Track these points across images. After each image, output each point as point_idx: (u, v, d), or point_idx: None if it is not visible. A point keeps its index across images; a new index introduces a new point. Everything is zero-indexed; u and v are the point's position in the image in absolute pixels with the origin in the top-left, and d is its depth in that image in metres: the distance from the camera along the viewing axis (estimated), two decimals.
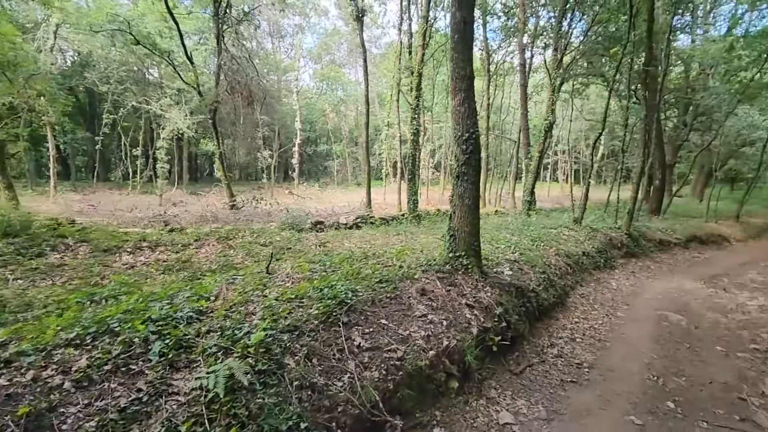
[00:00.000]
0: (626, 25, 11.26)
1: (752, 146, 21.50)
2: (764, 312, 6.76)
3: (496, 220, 11.55)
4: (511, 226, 9.70)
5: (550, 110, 13.56)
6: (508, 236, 8.17)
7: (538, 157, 13.96)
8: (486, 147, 21.58)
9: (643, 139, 11.75)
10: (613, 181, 20.41)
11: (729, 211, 18.48)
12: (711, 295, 7.76)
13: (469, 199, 5.16)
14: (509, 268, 5.82)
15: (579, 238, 9.61)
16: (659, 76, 14.98)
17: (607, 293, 7.48)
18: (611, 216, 13.77)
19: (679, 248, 12.78)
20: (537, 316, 5.41)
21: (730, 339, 5.62)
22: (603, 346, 5.01)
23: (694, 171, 25.06)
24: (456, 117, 5.24)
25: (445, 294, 4.30)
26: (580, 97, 27.43)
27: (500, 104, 29.16)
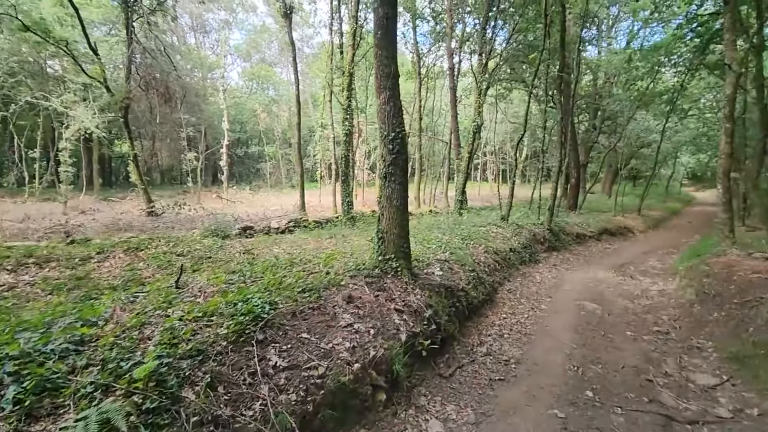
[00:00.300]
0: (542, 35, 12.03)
1: (648, 147, 24.18)
2: (663, 296, 7.46)
3: (429, 220, 11.70)
4: (443, 226, 9.84)
5: (477, 113, 14.07)
6: (440, 236, 8.23)
7: (467, 157, 14.42)
8: (419, 148, 21.99)
9: (560, 140, 12.59)
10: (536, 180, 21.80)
11: (632, 205, 20.51)
12: (620, 283, 8.43)
13: (397, 200, 5.03)
14: (440, 269, 5.80)
15: (506, 234, 10.00)
16: (572, 82, 16.21)
17: (532, 287, 7.81)
18: (535, 213, 14.60)
19: (593, 240, 13.87)
20: (467, 315, 5.43)
21: (637, 323, 6.08)
22: (529, 340, 5.15)
23: (604, 170, 27.56)
24: (382, 116, 5.10)
25: (374, 300, 4.12)
26: (504, 101, 29.04)
27: (432, 107, 29.97)
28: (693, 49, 15.95)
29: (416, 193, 21.53)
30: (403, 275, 4.90)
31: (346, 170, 14.43)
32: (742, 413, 3.71)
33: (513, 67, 21.75)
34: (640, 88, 19.20)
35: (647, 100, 19.92)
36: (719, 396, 4.05)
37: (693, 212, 24.48)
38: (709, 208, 26.11)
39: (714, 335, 5.34)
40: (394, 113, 4.99)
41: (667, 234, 17.21)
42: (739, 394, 4.04)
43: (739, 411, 3.74)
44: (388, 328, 3.81)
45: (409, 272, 5.04)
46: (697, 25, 15.41)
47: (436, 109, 31.30)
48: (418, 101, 21.60)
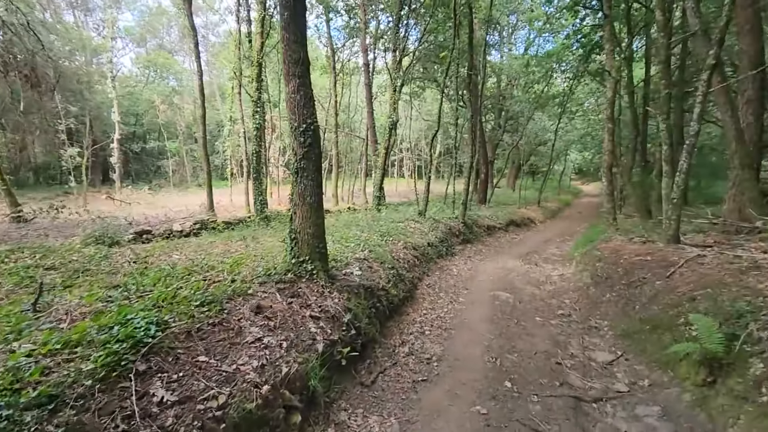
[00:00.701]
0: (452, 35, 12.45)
1: (545, 145, 26.69)
2: (564, 281, 8.11)
3: (347, 217, 11.43)
4: (362, 222, 9.64)
5: (393, 109, 14.12)
6: (358, 233, 8.00)
7: (384, 153, 14.44)
8: (336, 144, 21.61)
9: (471, 138, 13.16)
10: (449, 176, 22.75)
11: (533, 198, 22.43)
12: (528, 271, 9.01)
13: (311, 197, 4.65)
14: (359, 268, 5.55)
15: (424, 229, 10.13)
16: (479, 83, 17.15)
17: (450, 280, 7.97)
18: (449, 207, 15.15)
19: (501, 232, 14.80)
20: (388, 315, 5.27)
21: (544, 308, 6.48)
22: (449, 335, 5.14)
23: (508, 166, 29.76)
24: (291, 106, 4.67)
25: (286, 308, 3.71)
26: (418, 99, 29.84)
27: (348, 103, 29.70)
28: (578, 58, 17.76)
29: (334, 190, 21.14)
30: (320, 278, 4.55)
31: (258, 167, 13.52)
32: (636, 386, 4.05)
33: (425, 67, 22.33)
34: (537, 91, 20.98)
35: (543, 103, 21.89)
36: (616, 371, 4.39)
37: (581, 203, 27.64)
38: (593, 199, 29.71)
39: (608, 315, 5.87)
40: (305, 103, 4.60)
41: (563, 223, 19.12)
42: (631, 367, 4.43)
43: (634, 384, 4.08)
44: (303, 339, 3.44)
45: (326, 274, 4.70)
46: (581, 36, 17.13)
47: (353, 105, 31.12)
48: (333, 96, 21.16)
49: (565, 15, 18.47)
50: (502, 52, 27.91)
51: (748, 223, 6.76)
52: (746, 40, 7.47)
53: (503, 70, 24.10)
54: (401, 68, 16.24)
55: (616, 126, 11.12)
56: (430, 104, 35.80)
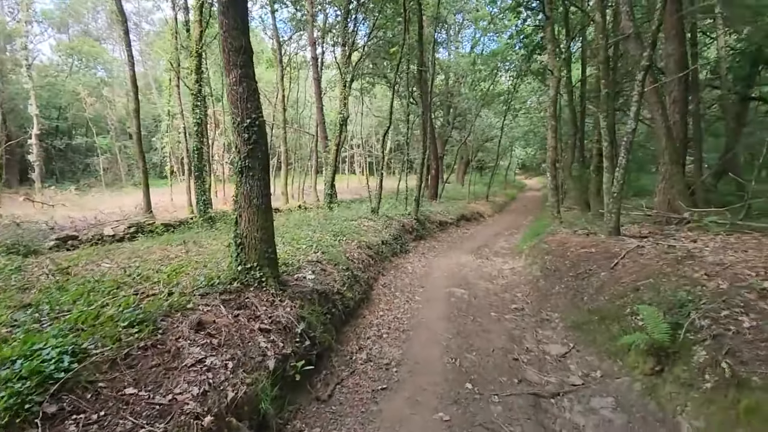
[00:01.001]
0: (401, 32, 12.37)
1: (491, 142, 27.56)
2: (515, 274, 8.30)
3: (299, 216, 11.00)
4: (314, 222, 9.29)
5: (343, 105, 13.79)
6: (310, 233, 7.67)
7: (335, 150, 14.09)
8: (284, 140, 20.85)
9: (422, 134, 13.17)
10: (401, 172, 22.80)
11: (481, 192, 23.05)
12: (480, 266, 9.14)
13: (257, 198, 4.29)
14: (311, 272, 5.26)
15: (377, 227, 9.96)
16: (429, 80, 17.26)
17: (405, 278, 7.87)
18: (402, 203, 15.11)
19: (453, 227, 15.02)
20: (344, 320, 5.04)
21: (499, 303, 6.56)
22: (407, 337, 5.01)
23: (457, 161, 30.42)
24: (233, 99, 4.27)
25: (232, 322, 3.37)
26: (369, 95, 29.64)
27: (296, 98, 28.82)
28: (521, 57, 18.41)
29: (283, 188, 20.42)
30: (270, 285, 4.21)
31: (199, 164, 12.65)
32: (589, 377, 4.14)
33: (375, 63, 22.15)
34: (483, 89, 21.53)
35: (489, 100, 22.52)
36: (569, 363, 4.47)
37: (526, 197, 28.92)
38: (537, 193, 31.23)
39: (558, 306, 6.03)
40: (248, 95, 4.21)
41: (510, 217, 19.83)
42: (583, 359, 4.54)
43: (587, 375, 4.17)
44: (252, 356, 3.12)
45: (277, 281, 4.37)
46: (524, 37, 17.74)
47: (302, 100, 30.27)
48: (280, 91, 20.36)
49: (508, 16, 19.06)
50: (449, 50, 28.42)
51: (677, 214, 7.27)
52: (672, 44, 8.00)
53: (451, 67, 24.51)
54: (351, 63, 15.93)
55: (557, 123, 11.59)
56: (380, 100, 35.72)
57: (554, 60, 10.50)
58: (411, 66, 14.98)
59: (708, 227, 6.56)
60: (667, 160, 7.29)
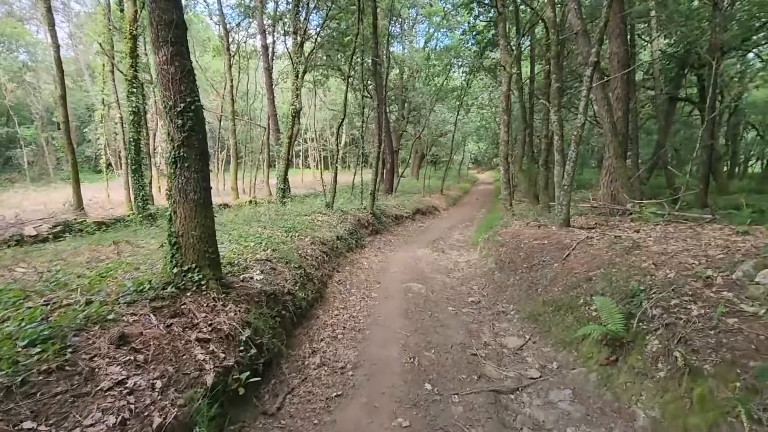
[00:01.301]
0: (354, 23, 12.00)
1: (445, 137, 27.91)
2: (471, 266, 8.31)
3: (249, 212, 10.38)
4: (264, 217, 8.76)
5: (295, 96, 13.19)
6: (260, 230, 7.19)
7: (288, 143, 13.47)
8: (233, 133, 19.76)
9: (377, 127, 12.92)
10: (356, 166, 22.47)
11: (436, 186, 23.27)
12: (436, 259, 9.08)
13: (195, 193, 3.83)
14: (260, 271, 4.85)
15: (332, 222, 9.61)
16: (383, 73, 17.01)
17: (361, 274, 7.61)
18: (357, 198, 14.81)
19: (409, 220, 14.96)
20: (296, 322, 4.69)
21: (456, 297, 6.48)
22: (364, 337, 4.75)
23: (411, 155, 30.56)
24: (164, 80, 3.75)
25: (164, 333, 2.93)
26: (322, 88, 28.90)
27: (246, 89, 27.48)
28: (474, 54, 18.65)
29: (233, 182, 19.40)
30: (210, 289, 3.78)
31: (137, 157, 11.61)
32: (546, 369, 4.11)
33: (329, 54, 21.56)
34: (437, 84, 21.64)
35: (443, 95, 22.69)
36: (526, 356, 4.43)
37: (478, 190, 29.63)
38: (489, 186, 32.12)
39: (513, 298, 6.04)
40: (182, 76, 3.73)
41: (463, 210, 20.16)
42: (539, 350, 4.52)
43: (544, 367, 4.14)
44: (187, 371, 2.72)
45: (219, 283, 3.94)
46: (476, 33, 17.95)
47: (253, 92, 28.91)
48: (228, 81, 19.25)
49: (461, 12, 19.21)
50: (404, 45, 28.34)
51: (620, 206, 7.57)
52: (616, 43, 8.30)
53: (405, 62, 24.42)
54: (303, 53, 15.31)
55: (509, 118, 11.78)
56: (334, 93, 35.05)
57: (506, 56, 10.62)
58: (366, 59, 14.68)
59: (648, 218, 6.87)
60: (612, 155, 7.56)
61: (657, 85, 14.47)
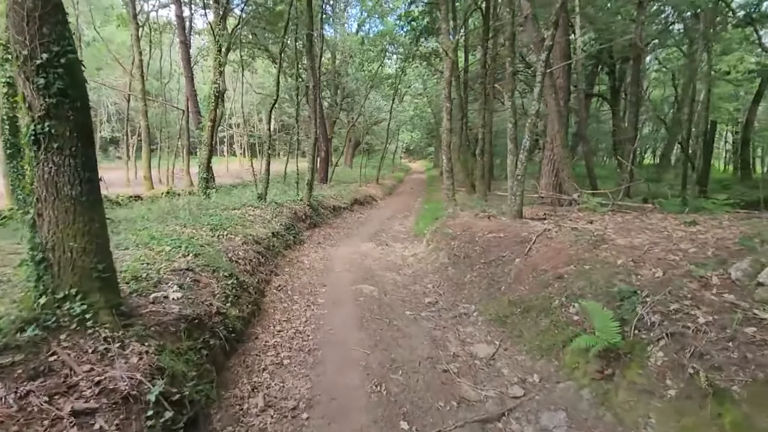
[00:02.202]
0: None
1: (378, 125, 27.26)
2: (420, 261, 7.72)
3: (165, 206, 8.72)
4: (184, 213, 7.32)
5: (218, 73, 11.48)
6: (179, 229, 5.86)
7: (211, 127, 11.75)
8: (145, 115, 17.07)
9: (313, 111, 11.76)
10: (288, 153, 20.91)
11: (371, 175, 22.57)
12: (382, 254, 8.36)
13: (72, 186, 2.62)
14: (178, 286, 3.70)
15: (266, 216, 8.43)
16: (318, 54, 15.74)
17: (303, 276, 6.62)
18: (291, 188, 13.56)
19: (347, 211, 14.08)
20: (229, 350, 3.65)
21: (411, 298, 5.82)
22: (316, 360, 3.87)
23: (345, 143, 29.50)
24: (15, 18, 2.47)
25: (13, 412, 1.80)
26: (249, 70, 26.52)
27: (161, 67, 24.11)
28: (409, 40, 18.08)
29: (146, 171, 16.86)
30: (101, 323, 2.62)
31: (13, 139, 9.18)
32: (528, 383, 3.59)
33: (255, 33, 19.63)
34: (372, 70, 20.77)
35: (377, 82, 21.90)
36: (500, 367, 3.90)
37: (412, 179, 29.56)
38: (421, 176, 32.24)
39: (473, 298, 5.53)
40: (45, 13, 2.47)
41: (400, 199, 19.74)
42: (514, 359, 4.01)
43: (524, 381, 3.62)
44: None
45: (115, 312, 2.78)
46: (411, 19, 17.34)
47: (168, 70, 25.49)
48: (137, 54, 16.50)
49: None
50: (335, 28, 26.91)
51: (567, 195, 7.47)
52: (559, 32, 8.11)
53: (338, 45, 23.13)
54: (226, 27, 13.48)
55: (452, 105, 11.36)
56: (261, 76, 32.49)
57: (448, 41, 10.10)
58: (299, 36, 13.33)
59: (595, 208, 6.79)
60: (559, 144, 7.40)
61: (579, 79, 15.09)
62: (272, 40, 20.60)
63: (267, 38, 20.27)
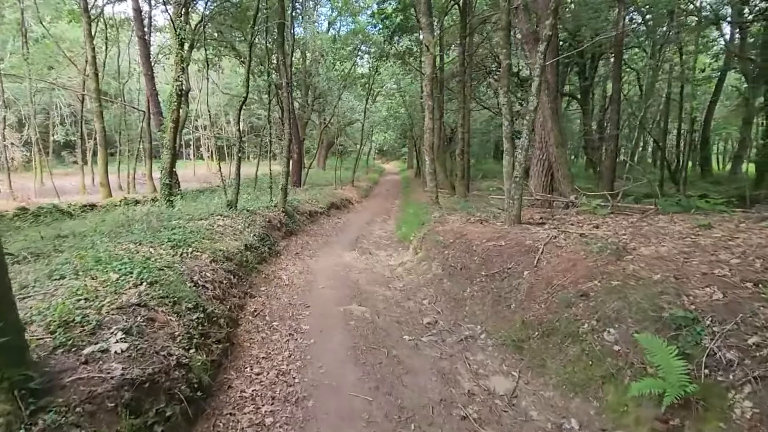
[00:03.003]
0: None
1: (352, 126, 26.39)
2: (411, 273, 6.99)
3: (119, 217, 7.58)
4: (140, 227, 6.26)
5: (180, 69, 10.30)
6: (133, 247, 4.86)
7: (173, 128, 10.54)
8: (100, 116, 15.44)
9: (288, 113, 10.80)
10: (258, 156, 19.70)
11: (346, 177, 21.65)
12: (367, 265, 7.59)
13: None
14: (124, 333, 2.79)
15: (238, 227, 7.46)
16: (287, 54, 14.72)
17: (282, 295, 5.75)
18: (263, 193, 12.54)
19: (324, 217, 13.19)
20: (194, 414, 2.77)
21: (407, 318, 5.08)
22: (306, 414, 3.06)
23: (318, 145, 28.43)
24: None
25: None
26: (215, 69, 25.03)
27: (119, 65, 22.15)
28: (383, 38, 17.36)
29: (104, 176, 15.26)
30: None
31: None
32: (563, 430, 2.95)
33: (221, 30, 18.38)
34: (345, 69, 19.90)
35: (350, 82, 21.03)
36: (528, 408, 3.24)
37: (387, 181, 28.85)
38: (396, 177, 31.58)
39: (477, 316, 4.87)
40: None
41: (377, 201, 18.97)
42: (539, 396, 3.36)
43: (559, 428, 2.97)
44: None
45: (21, 391, 1.88)
46: (384, 17, 16.63)
47: (128, 70, 23.49)
48: (89, 51, 14.86)
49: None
50: (305, 27, 25.76)
51: (562, 197, 6.96)
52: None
53: (308, 45, 22.07)
54: (189, 21, 12.28)
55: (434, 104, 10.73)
56: (228, 76, 30.88)
57: (429, 35, 9.45)
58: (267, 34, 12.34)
59: (595, 210, 6.31)
60: (553, 143, 6.88)
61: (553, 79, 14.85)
62: (239, 38, 19.37)
63: (234, 36, 19.06)
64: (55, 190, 15.50)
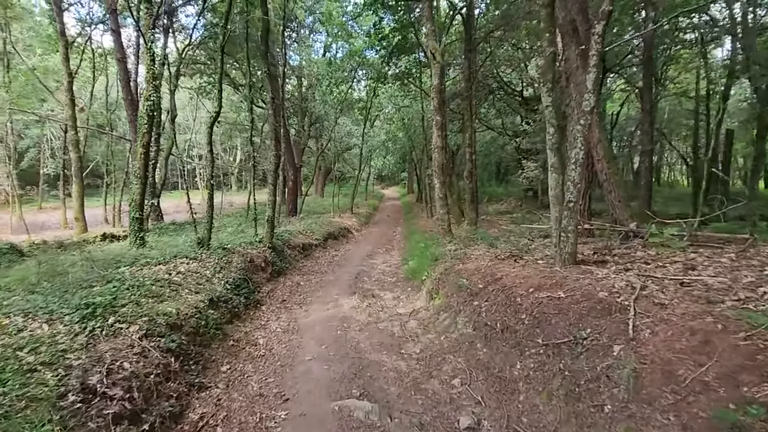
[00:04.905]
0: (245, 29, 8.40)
1: (350, 151, 25.02)
2: (426, 328, 5.21)
3: (64, 260, 5.81)
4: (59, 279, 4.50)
5: (152, 87, 8.80)
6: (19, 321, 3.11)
7: (143, 154, 8.94)
8: (77, 145, 13.90)
9: (274, 136, 9.27)
10: (251, 184, 18.14)
11: (344, 204, 20.05)
12: (371, 317, 5.80)
13: None
14: None
15: (205, 272, 5.73)
16: (280, 77, 13.52)
17: (251, 380, 3.94)
18: (253, 224, 10.88)
19: (320, 249, 11.47)
20: None
21: (433, 415, 3.30)
22: None
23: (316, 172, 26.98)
24: None
25: None
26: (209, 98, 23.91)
27: (107, 93, 20.83)
28: (380, 59, 16.17)
29: (79, 210, 13.59)
30: None
31: None
32: None
33: (214, 57, 17.32)
34: (342, 93, 18.67)
35: (347, 106, 19.79)
36: None
37: (387, 207, 27.22)
38: (396, 202, 30.00)
39: (544, 415, 3.08)
40: None
41: (378, 229, 17.25)
42: None
43: None
44: None
45: None
46: (381, 37, 15.47)
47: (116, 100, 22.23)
48: (66, 75, 13.51)
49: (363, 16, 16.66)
50: (300, 54, 24.84)
51: (621, 226, 5.28)
52: (582, 17, 6.16)
53: (304, 69, 20.98)
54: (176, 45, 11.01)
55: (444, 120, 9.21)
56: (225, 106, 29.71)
57: (434, 43, 8.04)
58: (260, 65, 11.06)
59: (670, 243, 4.61)
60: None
61: None
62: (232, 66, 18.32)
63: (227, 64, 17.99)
64: (25, 227, 13.81)
